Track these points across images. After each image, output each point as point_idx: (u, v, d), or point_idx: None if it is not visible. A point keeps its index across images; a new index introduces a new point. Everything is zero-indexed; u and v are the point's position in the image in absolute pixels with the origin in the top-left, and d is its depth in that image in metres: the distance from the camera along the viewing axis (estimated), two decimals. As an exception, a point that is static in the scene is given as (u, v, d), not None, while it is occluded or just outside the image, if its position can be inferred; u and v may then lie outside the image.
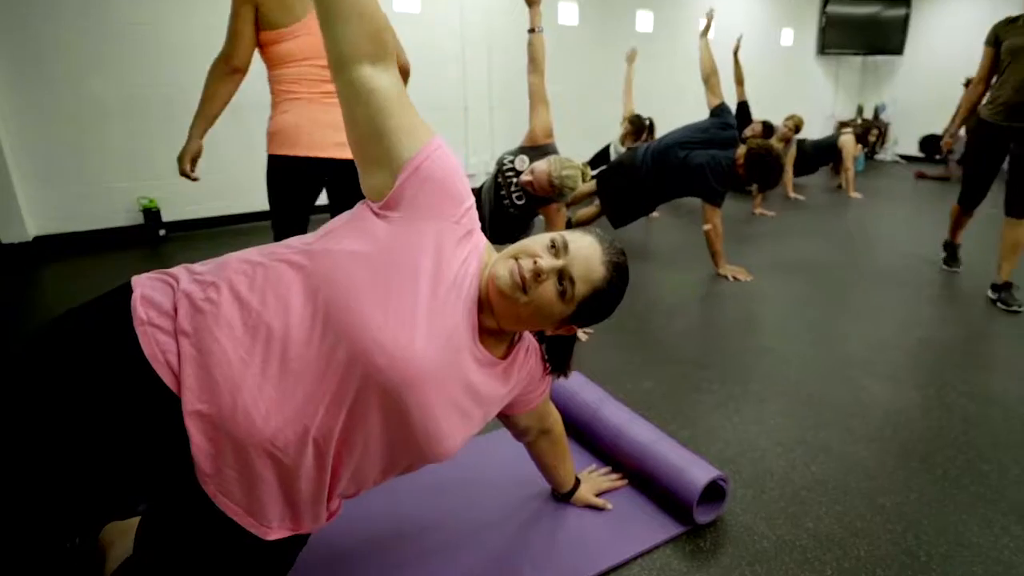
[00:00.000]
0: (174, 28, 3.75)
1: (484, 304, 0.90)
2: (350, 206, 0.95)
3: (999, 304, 2.72)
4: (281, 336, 0.78)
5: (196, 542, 0.81)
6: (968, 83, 3.77)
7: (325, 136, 2.00)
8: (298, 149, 2.05)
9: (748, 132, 4.63)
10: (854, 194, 5.49)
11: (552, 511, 1.35)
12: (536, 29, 2.29)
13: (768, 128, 5.32)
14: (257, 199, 4.26)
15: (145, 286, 0.82)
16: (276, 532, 0.82)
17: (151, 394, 0.75)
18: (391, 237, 0.83)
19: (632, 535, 1.27)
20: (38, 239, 3.61)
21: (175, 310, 0.79)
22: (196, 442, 0.75)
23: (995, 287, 2.82)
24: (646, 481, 1.39)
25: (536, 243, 0.91)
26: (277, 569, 0.90)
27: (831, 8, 7.85)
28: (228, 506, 0.78)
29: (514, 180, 2.29)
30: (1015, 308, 2.65)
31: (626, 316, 2.62)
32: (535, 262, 0.86)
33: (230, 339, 0.77)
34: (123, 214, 3.86)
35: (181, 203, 4.04)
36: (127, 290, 0.83)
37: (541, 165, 2.17)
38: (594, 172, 4.79)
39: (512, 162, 2.33)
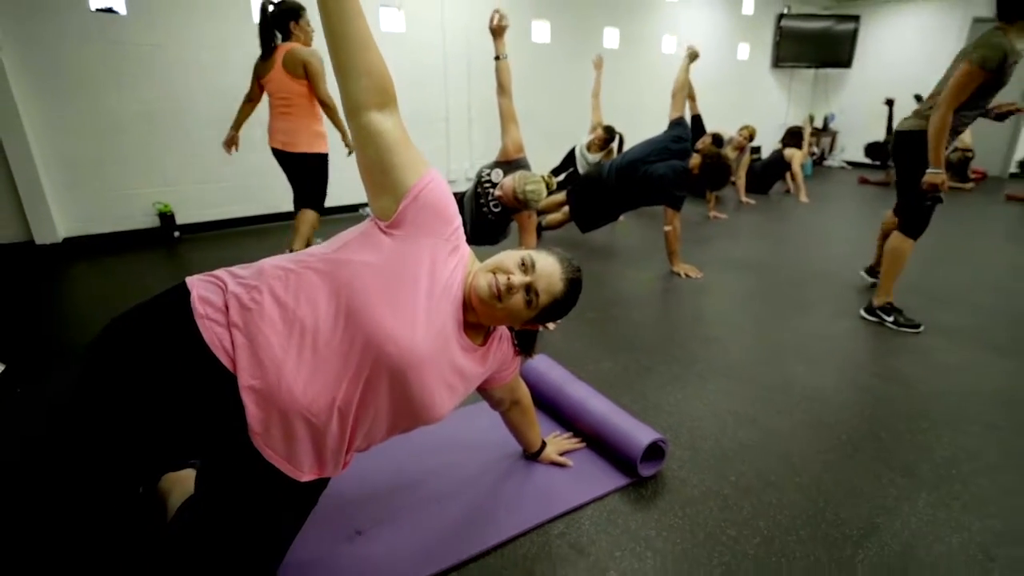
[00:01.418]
0: (182, 49, 3.81)
1: (467, 304, 1.07)
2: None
3: (897, 326, 2.59)
4: (312, 329, 0.94)
5: (247, 483, 0.98)
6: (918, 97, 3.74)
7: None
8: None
9: (700, 143, 4.80)
10: (804, 199, 5.68)
11: (523, 467, 1.53)
12: (501, 56, 2.43)
13: (718, 139, 5.48)
14: (259, 203, 4.41)
15: (200, 288, 0.98)
16: (307, 476, 1.00)
17: (212, 372, 0.91)
18: (395, 251, 0.99)
19: (588, 485, 1.47)
20: (67, 240, 3.68)
21: (226, 307, 0.95)
22: (250, 409, 0.92)
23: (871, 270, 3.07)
24: (600, 443, 1.58)
25: (510, 260, 1.08)
26: (306, 504, 1.07)
27: (785, 23, 7.94)
28: (272, 456, 0.96)
29: (491, 191, 2.45)
30: (914, 328, 2.55)
31: (589, 307, 2.77)
32: (508, 278, 1.04)
33: (273, 331, 0.93)
34: (141, 217, 3.92)
35: (193, 207, 4.10)
36: (183, 289, 0.98)
37: (507, 181, 2.32)
38: (561, 176, 4.99)
39: (489, 175, 2.48)
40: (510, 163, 2.47)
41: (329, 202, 4.69)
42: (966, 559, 1.28)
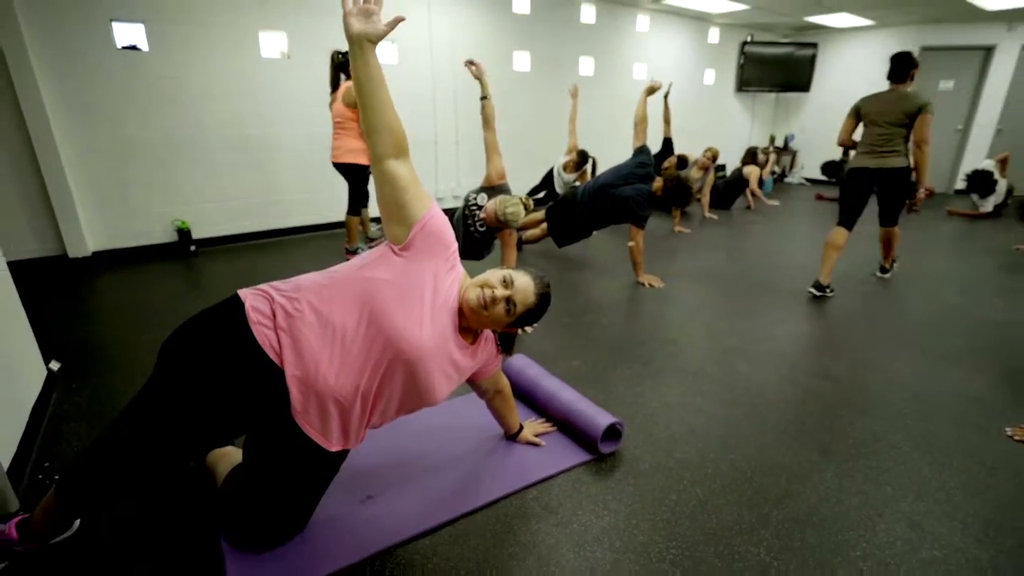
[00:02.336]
0: (198, 81, 3.99)
1: (461, 312, 1.31)
2: None
3: (880, 274, 3.79)
4: (341, 331, 1.16)
5: (290, 452, 1.21)
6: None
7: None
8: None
9: (666, 164, 5.03)
10: (771, 202, 5.97)
11: (504, 446, 1.78)
12: (487, 97, 2.69)
13: (683, 161, 5.69)
14: (268, 219, 4.61)
15: (251, 299, 1.19)
16: (334, 446, 1.23)
17: (263, 365, 1.13)
18: (406, 270, 1.22)
19: (558, 459, 1.71)
20: (96, 254, 3.83)
21: (273, 315, 1.16)
22: (293, 394, 1.14)
23: (883, 268, 3.80)
24: (568, 427, 1.82)
25: (494, 277, 1.32)
26: (332, 469, 1.31)
27: (749, 50, 8.13)
28: (310, 431, 1.18)
29: (477, 213, 2.70)
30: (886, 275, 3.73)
31: (564, 313, 3.02)
32: (493, 292, 1.29)
33: (311, 333, 1.15)
34: (161, 233, 4.08)
35: (208, 223, 4.28)
36: (238, 300, 1.19)
37: (490, 205, 2.58)
38: (541, 194, 5.25)
39: (476, 199, 2.73)
40: (494, 188, 2.71)
41: (329, 218, 4.94)
42: (859, 515, 1.54)
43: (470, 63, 2.63)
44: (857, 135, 3.47)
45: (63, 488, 1.20)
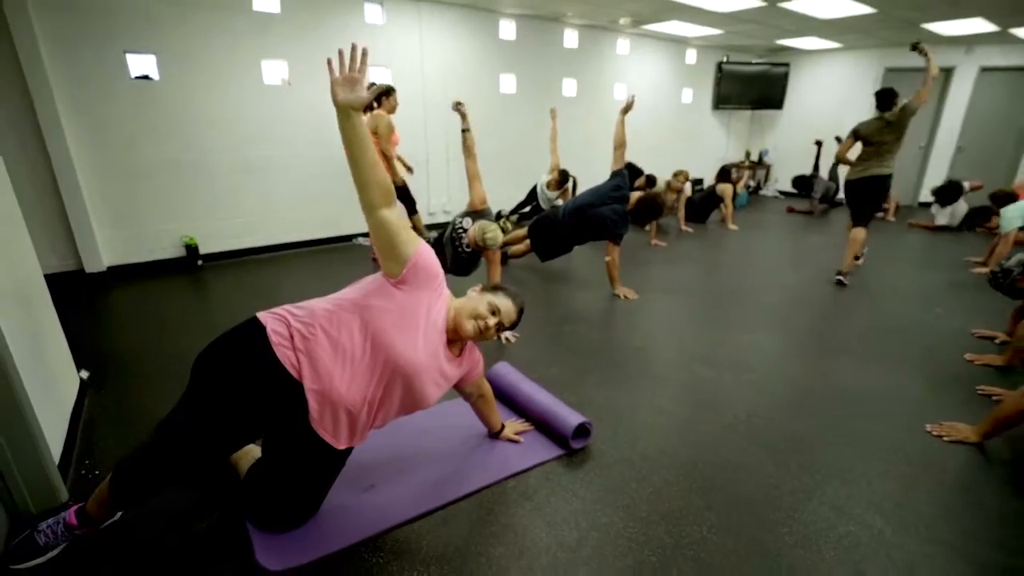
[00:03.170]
0: (205, 107, 4.20)
1: (449, 330, 1.52)
2: None
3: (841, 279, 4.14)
4: (350, 351, 1.35)
5: (306, 451, 1.41)
6: (838, 139, 4.67)
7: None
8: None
9: (637, 183, 5.31)
10: (732, 226, 6.24)
11: (488, 443, 2.00)
12: (468, 129, 2.95)
13: (651, 179, 5.96)
14: (270, 234, 4.81)
15: (271, 323, 1.36)
16: (342, 445, 1.43)
17: (284, 380, 1.32)
18: (403, 300, 1.42)
19: (534, 454, 1.93)
20: (110, 268, 4.02)
21: (291, 337, 1.34)
22: (311, 404, 1.34)
23: (841, 274, 4.14)
24: (544, 426, 2.05)
25: (483, 307, 1.53)
26: (339, 464, 1.52)
27: (725, 69, 8.42)
28: (323, 433, 1.38)
29: (463, 236, 2.94)
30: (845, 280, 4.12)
31: (546, 323, 3.26)
32: (486, 322, 1.53)
33: (324, 352, 1.34)
34: (170, 248, 4.27)
35: (214, 239, 4.47)
36: (258, 323, 1.37)
37: (472, 232, 2.83)
38: (526, 209, 5.51)
39: (461, 223, 2.97)
40: (477, 213, 2.96)
41: (325, 234, 5.16)
42: (791, 500, 1.78)
43: (458, 105, 2.90)
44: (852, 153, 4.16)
45: (117, 480, 1.40)
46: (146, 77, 3.93)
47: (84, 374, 2.35)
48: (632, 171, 5.73)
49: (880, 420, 2.28)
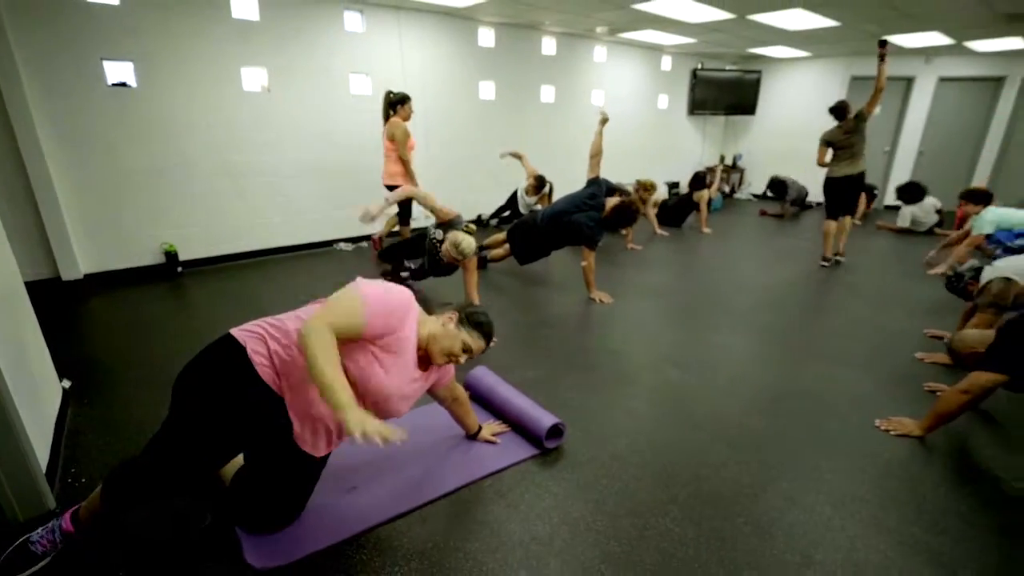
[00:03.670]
0: (184, 114, 4.21)
1: (420, 348, 1.58)
2: None
3: (825, 264, 4.88)
4: None
5: (285, 458, 1.50)
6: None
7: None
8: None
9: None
10: (706, 230, 6.43)
11: (465, 444, 2.09)
12: (435, 211, 3.15)
13: (611, 190, 6.16)
14: (250, 241, 4.83)
15: (250, 343, 1.39)
16: (321, 454, 1.53)
17: (267, 397, 1.39)
18: (372, 344, 1.46)
19: (509, 454, 2.03)
20: (88, 276, 4.01)
21: (271, 356, 1.40)
22: (293, 420, 1.42)
23: (828, 259, 4.85)
24: (519, 427, 2.15)
25: (456, 347, 1.59)
26: (319, 469, 1.61)
27: (700, 75, 8.63)
28: (303, 445, 1.48)
29: (439, 246, 3.06)
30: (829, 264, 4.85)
31: (521, 327, 3.36)
32: (458, 358, 1.62)
33: (304, 373, 1.39)
34: (149, 255, 4.28)
35: (194, 246, 4.49)
36: (235, 342, 1.39)
37: (445, 248, 2.94)
38: (506, 213, 5.63)
39: (435, 235, 3.11)
40: (447, 223, 3.09)
41: (306, 239, 5.19)
42: (748, 492, 1.91)
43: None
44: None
45: (109, 493, 1.44)
46: (123, 84, 3.94)
47: (66, 383, 2.38)
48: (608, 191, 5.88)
49: (835, 416, 2.43)
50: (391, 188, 4.45)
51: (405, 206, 4.64)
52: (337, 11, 4.84)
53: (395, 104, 4.39)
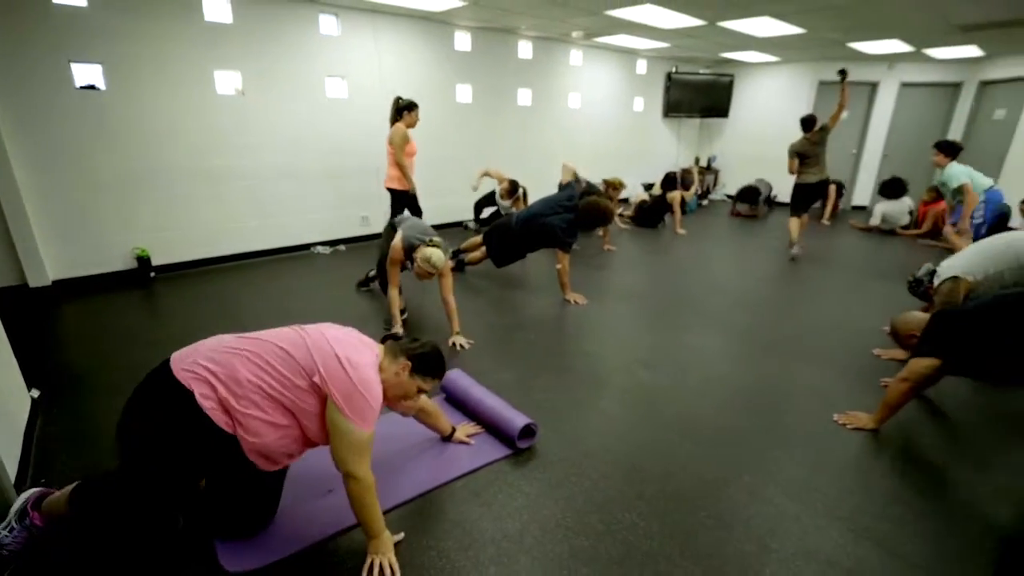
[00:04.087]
0: (156, 117, 4.16)
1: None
2: None
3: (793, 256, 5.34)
4: (283, 426, 1.48)
5: (250, 479, 1.56)
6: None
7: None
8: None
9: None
10: (680, 231, 6.57)
11: (440, 446, 2.14)
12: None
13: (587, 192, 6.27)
14: (225, 245, 4.79)
15: (196, 386, 1.39)
16: (278, 467, 1.58)
17: (221, 436, 1.41)
18: None
19: (483, 454, 2.09)
20: (56, 282, 3.93)
21: (221, 402, 1.40)
22: (249, 453, 1.46)
23: (792, 244, 5.37)
24: (493, 428, 2.21)
25: (412, 390, 1.65)
26: (281, 480, 1.67)
27: (674, 78, 8.76)
28: (262, 466, 1.52)
29: (411, 266, 3.11)
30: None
31: (497, 329, 3.41)
32: (415, 403, 1.71)
33: (258, 423, 1.43)
34: (120, 260, 4.21)
35: (167, 251, 4.44)
36: (177, 384, 1.38)
37: (416, 267, 2.98)
38: (485, 213, 5.68)
39: (406, 264, 3.14)
40: (409, 247, 3.11)
41: (283, 243, 5.18)
42: (712, 487, 1.99)
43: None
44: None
45: (78, 512, 1.47)
46: (92, 87, 3.88)
47: (35, 393, 2.36)
48: (585, 192, 5.98)
49: (796, 412, 2.54)
50: (390, 191, 4.65)
51: (414, 205, 4.71)
52: (312, 14, 4.83)
53: (402, 110, 4.46)
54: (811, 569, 1.63)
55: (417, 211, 4.76)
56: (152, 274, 4.31)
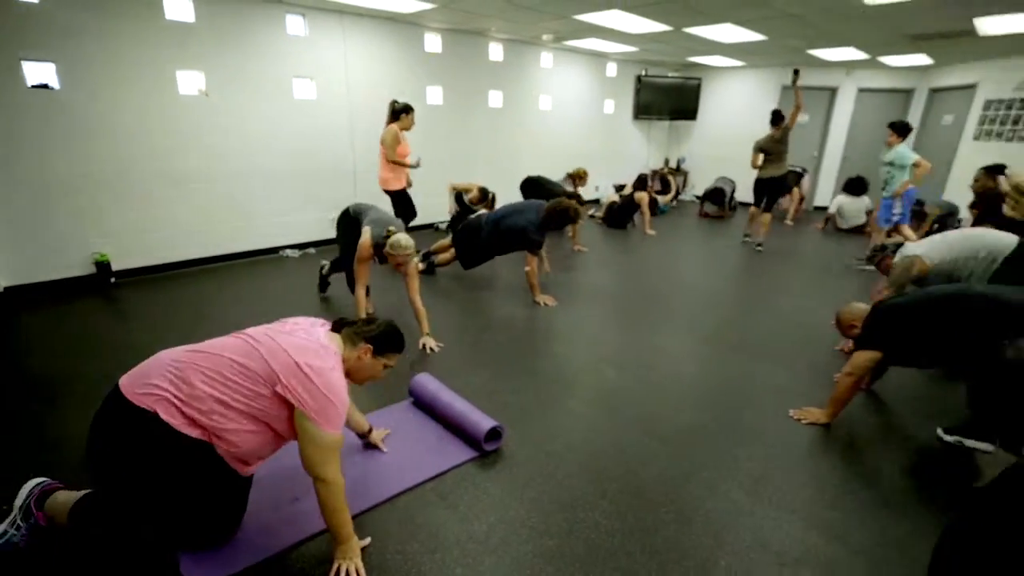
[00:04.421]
0: (115, 117, 4.04)
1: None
2: None
3: (757, 248, 5.85)
4: (256, 433, 1.51)
5: (225, 479, 1.55)
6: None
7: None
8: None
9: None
10: (650, 231, 6.71)
11: (408, 450, 2.15)
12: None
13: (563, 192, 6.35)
14: (190, 249, 4.70)
15: (159, 407, 1.39)
16: (254, 468, 1.60)
17: (197, 445, 1.43)
18: None
19: (450, 457, 2.12)
20: (8, 289, 3.80)
21: (190, 420, 1.41)
22: (226, 458, 1.49)
23: (756, 241, 5.84)
24: (460, 431, 2.24)
25: (379, 372, 1.75)
26: (247, 488, 1.68)
27: (644, 80, 8.91)
28: (240, 470, 1.54)
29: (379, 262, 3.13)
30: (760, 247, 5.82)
31: (467, 332, 3.44)
32: (381, 375, 1.76)
33: (230, 433, 1.46)
34: (78, 266, 4.08)
35: (129, 255, 4.32)
36: (136, 408, 1.38)
37: (392, 256, 3.00)
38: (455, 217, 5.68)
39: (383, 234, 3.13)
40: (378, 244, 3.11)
41: (252, 246, 5.10)
42: (672, 483, 2.07)
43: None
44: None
45: (79, 527, 1.50)
46: (45, 86, 3.75)
47: (-12, 404, 2.29)
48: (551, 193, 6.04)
49: (755, 409, 2.64)
50: (386, 192, 4.78)
51: (407, 204, 4.84)
52: (278, 14, 4.77)
53: (399, 113, 4.56)
54: (764, 560, 1.71)
55: (411, 211, 4.84)
56: (113, 279, 4.20)
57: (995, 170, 4.21)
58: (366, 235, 3.10)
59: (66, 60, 3.79)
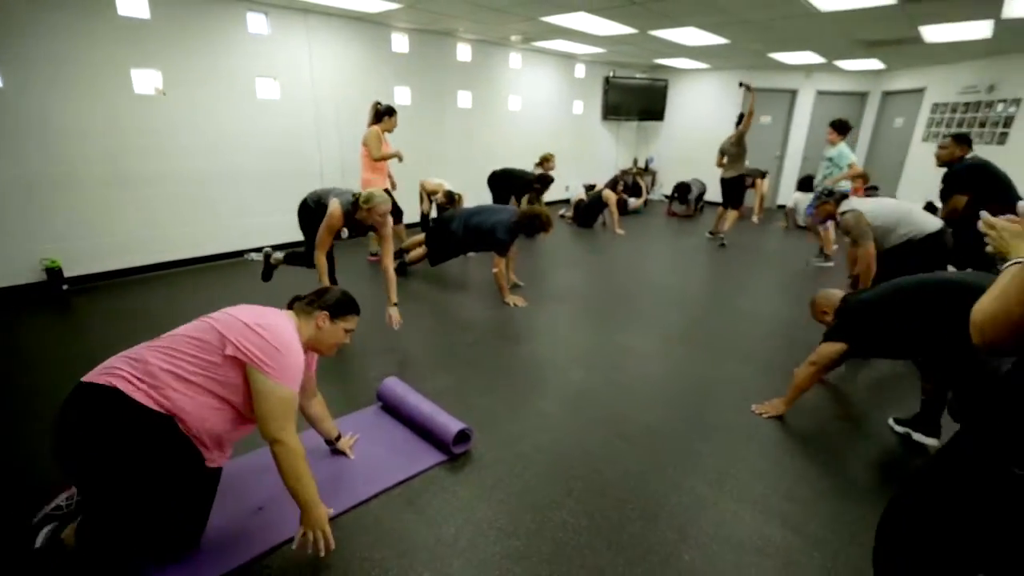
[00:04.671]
0: (63, 116, 3.89)
1: (305, 350, 1.69)
2: None
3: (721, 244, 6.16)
4: (218, 410, 1.51)
5: (190, 462, 1.51)
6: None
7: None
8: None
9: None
10: (619, 231, 6.79)
11: (375, 455, 2.14)
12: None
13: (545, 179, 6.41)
14: (147, 254, 4.55)
15: (119, 383, 1.40)
16: (216, 464, 1.58)
17: (170, 426, 1.43)
18: None
19: (418, 462, 2.11)
20: None
21: (148, 392, 1.41)
22: (190, 436, 1.47)
23: (721, 239, 6.17)
24: (428, 434, 2.24)
25: (344, 338, 1.79)
26: (214, 478, 1.64)
27: (612, 82, 8.98)
28: (206, 456, 1.52)
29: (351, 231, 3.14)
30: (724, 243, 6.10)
31: (437, 334, 3.44)
32: (344, 341, 1.78)
33: (190, 414, 1.45)
34: (27, 273, 3.92)
35: (82, 261, 4.16)
36: (98, 387, 1.39)
37: (364, 215, 3.03)
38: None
39: (343, 233, 3.13)
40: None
41: (213, 250, 4.96)
42: (638, 480, 2.11)
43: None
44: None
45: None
46: (-12, 85, 3.59)
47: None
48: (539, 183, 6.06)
49: (719, 406, 2.71)
50: None
51: (395, 206, 4.72)
52: (239, 12, 4.65)
53: (382, 115, 4.56)
54: (725, 551, 1.76)
55: (397, 212, 4.72)
56: (65, 286, 4.03)
57: (963, 139, 3.72)
58: (335, 204, 3.03)
59: (9, 57, 3.62)
